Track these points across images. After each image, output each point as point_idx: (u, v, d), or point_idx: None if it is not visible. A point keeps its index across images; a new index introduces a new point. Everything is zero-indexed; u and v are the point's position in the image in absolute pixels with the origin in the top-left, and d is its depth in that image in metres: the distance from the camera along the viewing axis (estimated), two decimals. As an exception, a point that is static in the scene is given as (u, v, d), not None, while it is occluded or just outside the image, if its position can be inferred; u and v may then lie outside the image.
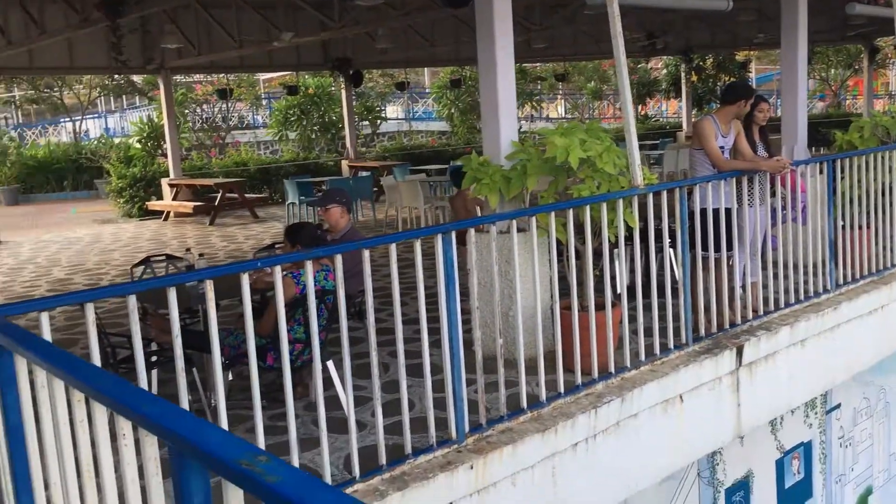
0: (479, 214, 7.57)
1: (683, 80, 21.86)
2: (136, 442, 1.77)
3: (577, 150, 4.84)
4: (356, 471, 3.70)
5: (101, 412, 1.90)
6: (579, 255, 4.89)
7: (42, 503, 2.45)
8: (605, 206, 4.74)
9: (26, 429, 2.41)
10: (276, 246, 6.94)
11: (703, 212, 5.47)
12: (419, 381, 4.33)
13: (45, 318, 2.72)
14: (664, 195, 5.18)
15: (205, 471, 1.48)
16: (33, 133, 30.51)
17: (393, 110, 29.95)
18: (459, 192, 8.48)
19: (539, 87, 27.25)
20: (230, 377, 5.13)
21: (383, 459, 3.78)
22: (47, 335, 2.61)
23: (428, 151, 22.07)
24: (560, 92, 32.39)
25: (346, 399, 3.78)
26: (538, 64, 25.60)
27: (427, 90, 31.80)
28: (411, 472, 3.80)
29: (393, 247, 3.83)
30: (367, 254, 3.73)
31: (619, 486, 4.72)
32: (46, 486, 2.43)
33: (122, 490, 1.97)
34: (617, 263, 5.33)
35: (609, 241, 4.86)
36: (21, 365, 2.36)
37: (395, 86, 23.03)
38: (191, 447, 1.40)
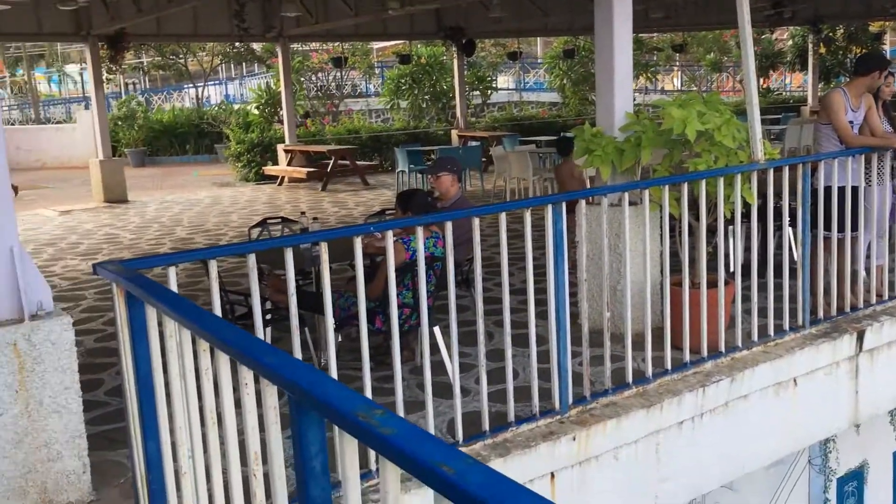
0: (587, 182, 7.49)
1: (810, 52, 20.77)
2: (258, 393, 1.86)
3: (695, 122, 4.70)
4: (459, 435, 3.76)
5: (224, 362, 2.00)
6: (692, 231, 4.77)
7: (167, 447, 2.61)
8: (721, 180, 4.60)
9: (155, 375, 2.56)
10: (387, 212, 7.06)
11: (828, 189, 5.23)
12: (523, 350, 4.35)
13: (172, 272, 2.88)
14: (786, 171, 4.97)
15: (322, 421, 1.54)
16: (159, 98, 31.92)
17: (504, 80, 29.77)
18: (565, 160, 8.41)
19: (655, 58, 26.48)
20: (339, 338, 5.29)
21: (486, 426, 3.83)
22: (174, 288, 2.76)
23: (538, 122, 21.87)
24: (677, 63, 31.40)
25: (452, 365, 3.84)
26: (655, 34, 24.88)
27: (539, 60, 31.43)
28: (513, 440, 3.84)
29: (503, 216, 3.83)
30: (476, 222, 3.75)
31: (726, 468, 4.63)
32: (171, 431, 2.58)
33: (242, 437, 2.07)
34: (732, 241, 5.17)
35: (724, 217, 4.72)
36: (151, 315, 2.51)
37: (507, 55, 22.87)
38: (310, 398, 1.46)
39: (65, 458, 3.51)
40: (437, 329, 4.77)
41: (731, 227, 5.18)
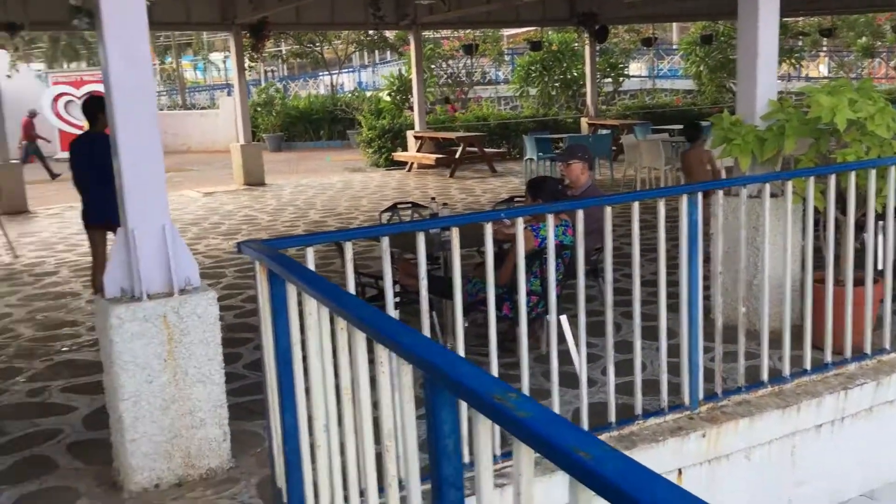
0: (721, 170, 7.21)
1: (976, 36, 19.21)
2: (386, 373, 1.91)
3: (846, 110, 4.45)
4: (585, 425, 3.73)
5: (361, 339, 2.06)
6: (838, 226, 4.52)
7: (303, 419, 2.71)
8: (873, 172, 4.33)
9: (293, 350, 2.67)
10: (515, 200, 7.06)
11: None
12: (652, 343, 4.26)
13: (310, 252, 2.99)
14: (946, 164, 4.63)
15: (455, 401, 1.56)
16: (296, 85, 33.07)
17: (636, 67, 29.07)
18: (693, 147, 8.14)
19: (800, 44, 25.17)
20: (465, 324, 5.33)
21: (612, 417, 3.78)
22: (311, 268, 2.86)
23: (671, 111, 21.25)
24: (824, 49, 29.74)
25: (579, 354, 3.81)
26: (800, 18, 23.65)
27: (674, 46, 30.51)
28: (640, 434, 3.78)
29: (635, 205, 3.76)
30: (608, 210, 3.69)
31: (867, 475, 4.39)
32: (308, 405, 2.68)
33: (376, 414, 2.13)
34: (882, 237, 4.87)
35: (875, 211, 4.46)
36: (291, 292, 2.61)
37: (641, 42, 22.32)
38: (446, 378, 1.49)
39: (207, 426, 3.72)
40: (563, 318, 4.74)
41: (880, 223, 4.88)
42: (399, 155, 17.35)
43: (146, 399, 3.57)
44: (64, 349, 5.87)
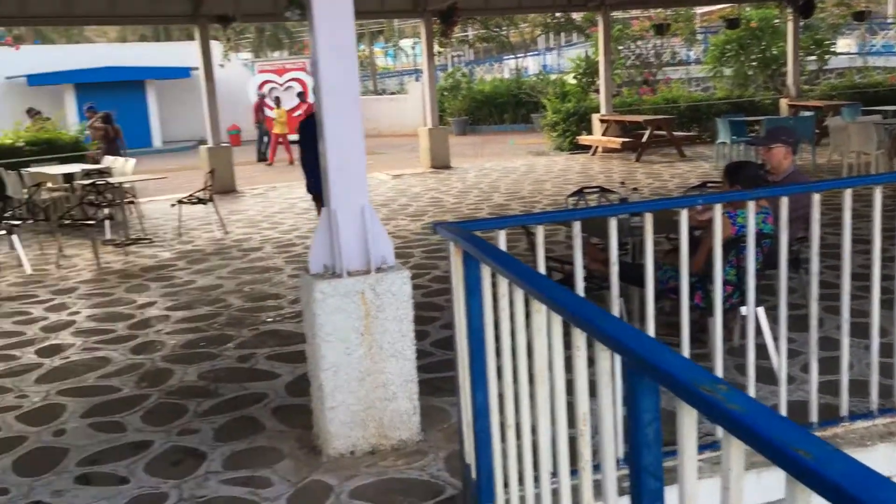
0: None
1: None
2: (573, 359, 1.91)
3: None
4: (782, 423, 3.54)
5: (557, 322, 2.07)
6: None
7: (493, 399, 2.77)
8: None
9: (486, 330, 2.73)
10: (708, 185, 6.78)
11: None
12: (859, 341, 3.98)
13: (502, 235, 3.03)
14: None
15: (656, 389, 1.54)
16: (481, 69, 33.43)
17: (845, 44, 26.94)
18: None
19: None
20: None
21: (814, 417, 3.57)
22: (504, 250, 2.90)
23: (885, 90, 19.53)
24: None
25: (779, 349, 3.62)
26: None
27: (889, 20, 28.00)
28: (845, 436, 3.54)
29: (847, 192, 3.51)
30: (816, 198, 3.48)
31: None
32: (499, 385, 2.73)
33: (570, 398, 2.14)
34: None
35: None
36: (486, 273, 2.66)
37: (852, 16, 20.66)
38: (649, 365, 1.47)
39: (398, 399, 3.88)
40: (761, 310, 4.51)
41: None
42: (583, 139, 17.13)
43: (344, 370, 3.77)
44: (269, 319, 6.31)
